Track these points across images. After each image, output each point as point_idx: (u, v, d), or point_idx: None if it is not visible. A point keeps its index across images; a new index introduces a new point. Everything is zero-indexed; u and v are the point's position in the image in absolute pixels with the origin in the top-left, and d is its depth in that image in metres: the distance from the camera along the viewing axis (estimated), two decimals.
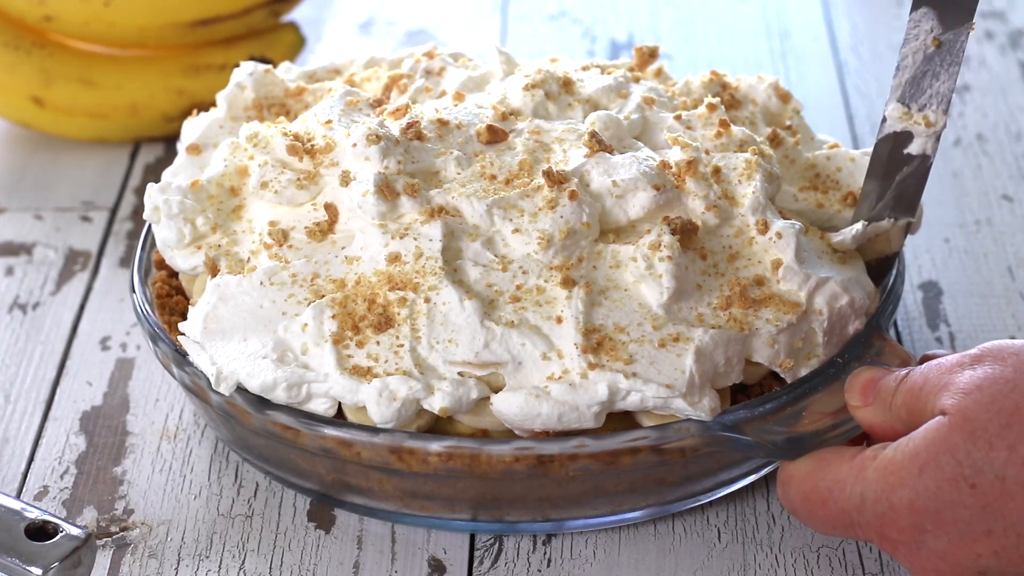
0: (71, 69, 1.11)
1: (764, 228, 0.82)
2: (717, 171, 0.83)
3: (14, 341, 0.96)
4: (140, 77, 1.11)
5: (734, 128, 0.87)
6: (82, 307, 0.99)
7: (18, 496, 0.85)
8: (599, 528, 0.82)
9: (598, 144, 0.84)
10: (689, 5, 1.32)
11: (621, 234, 0.82)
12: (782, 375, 0.80)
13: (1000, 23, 1.28)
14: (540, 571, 0.81)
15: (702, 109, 0.88)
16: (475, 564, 0.81)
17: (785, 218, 0.83)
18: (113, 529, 0.83)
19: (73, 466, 0.87)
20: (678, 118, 0.87)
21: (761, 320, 0.80)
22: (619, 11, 1.32)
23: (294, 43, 1.15)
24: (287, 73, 0.96)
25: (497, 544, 0.82)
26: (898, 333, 0.96)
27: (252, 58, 1.12)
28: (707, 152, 0.85)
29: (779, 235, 0.81)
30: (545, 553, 0.81)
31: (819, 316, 0.81)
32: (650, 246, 0.80)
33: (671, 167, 0.83)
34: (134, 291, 0.86)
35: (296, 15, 1.24)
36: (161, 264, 0.89)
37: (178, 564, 0.81)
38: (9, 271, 1.02)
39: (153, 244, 0.89)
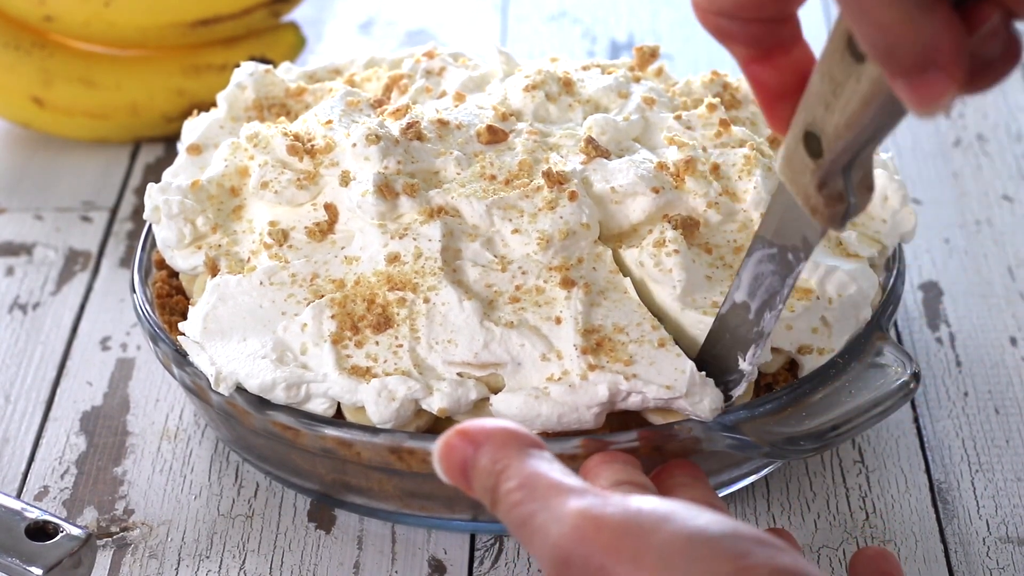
0: (71, 69, 1.11)
1: None
2: (716, 168, 0.84)
3: (14, 341, 0.96)
4: (140, 77, 1.11)
5: (734, 128, 0.87)
6: (82, 307, 0.99)
7: (18, 496, 0.85)
8: None
9: (595, 150, 0.84)
10: (689, 5, 1.32)
11: (624, 239, 0.82)
12: (800, 361, 0.80)
13: None
14: (540, 571, 0.81)
15: (702, 109, 0.88)
16: (475, 564, 0.81)
17: None
18: (113, 529, 0.83)
19: (73, 466, 0.87)
20: (678, 118, 0.87)
21: None
22: (619, 11, 1.32)
23: (294, 43, 1.15)
24: (287, 73, 0.96)
25: (497, 544, 0.82)
26: (898, 333, 0.96)
27: (252, 58, 1.11)
28: (704, 149, 0.85)
29: None
30: None
31: (830, 304, 0.81)
32: (655, 244, 0.80)
33: (669, 167, 0.83)
34: (134, 291, 0.86)
35: (296, 15, 1.24)
36: (161, 264, 0.89)
37: (178, 564, 0.81)
38: (9, 271, 1.02)
39: (153, 244, 0.89)
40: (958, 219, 1.06)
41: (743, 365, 0.76)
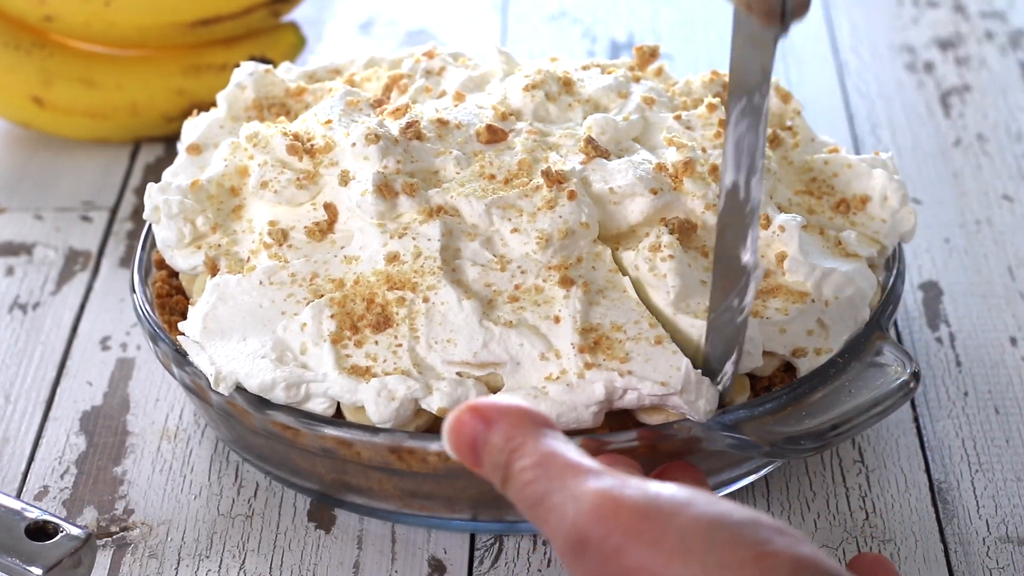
0: (71, 69, 1.11)
1: (767, 223, 0.82)
2: (715, 169, 0.84)
3: (14, 341, 0.96)
4: (140, 77, 1.11)
5: None
6: (82, 307, 0.99)
7: (18, 496, 0.85)
8: None
9: (594, 150, 0.84)
10: (689, 5, 1.32)
11: (622, 240, 0.82)
12: (795, 364, 0.80)
13: (1000, 23, 1.28)
14: (540, 571, 0.81)
15: (702, 109, 0.88)
16: (475, 564, 0.81)
17: None
18: (113, 529, 0.83)
19: (73, 466, 0.87)
20: (678, 118, 0.87)
21: (770, 309, 0.80)
22: (619, 11, 1.32)
23: (294, 43, 1.15)
24: (287, 73, 0.96)
25: (497, 544, 0.82)
26: (898, 333, 0.96)
27: (252, 58, 1.12)
28: (703, 150, 0.85)
29: (782, 228, 0.82)
30: (545, 553, 0.81)
31: (827, 307, 0.81)
32: (650, 248, 0.80)
33: (668, 169, 0.83)
34: (134, 291, 0.86)
35: (296, 15, 1.24)
36: (161, 264, 0.89)
37: (178, 564, 0.81)
38: (9, 271, 1.02)
39: (153, 244, 0.89)
40: (958, 219, 1.06)
41: (746, 258, 0.74)
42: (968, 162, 1.12)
